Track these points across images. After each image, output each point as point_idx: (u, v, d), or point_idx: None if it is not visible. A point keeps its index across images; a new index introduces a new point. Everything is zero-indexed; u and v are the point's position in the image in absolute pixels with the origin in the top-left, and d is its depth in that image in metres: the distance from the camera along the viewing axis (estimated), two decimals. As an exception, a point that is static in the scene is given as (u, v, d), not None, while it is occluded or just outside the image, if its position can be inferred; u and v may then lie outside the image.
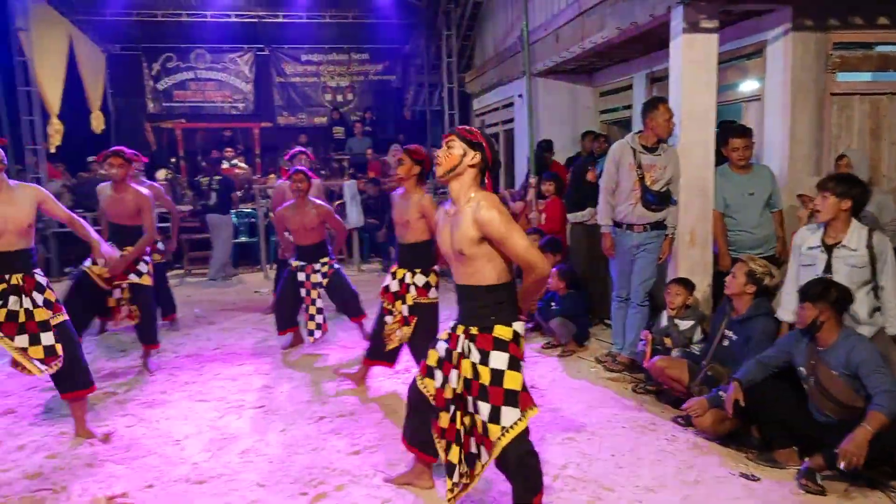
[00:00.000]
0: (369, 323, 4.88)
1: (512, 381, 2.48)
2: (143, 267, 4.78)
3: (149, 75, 12.93)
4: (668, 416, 3.85)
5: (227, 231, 8.67)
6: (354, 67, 13.77)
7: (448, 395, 2.66)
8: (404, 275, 4.08)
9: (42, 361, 3.57)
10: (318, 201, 5.23)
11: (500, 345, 2.49)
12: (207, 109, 13.21)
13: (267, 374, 4.81)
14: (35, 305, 3.58)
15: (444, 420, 2.68)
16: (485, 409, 2.49)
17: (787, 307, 3.63)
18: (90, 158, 10.04)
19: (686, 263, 4.62)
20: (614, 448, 3.46)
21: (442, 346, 2.74)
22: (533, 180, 6.54)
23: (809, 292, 3.15)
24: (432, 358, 2.79)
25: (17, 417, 4.00)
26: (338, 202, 8.98)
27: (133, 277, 4.71)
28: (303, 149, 6.56)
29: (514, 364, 2.50)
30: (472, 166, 2.52)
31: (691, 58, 4.51)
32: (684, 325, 4.21)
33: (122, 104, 12.55)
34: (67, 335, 3.69)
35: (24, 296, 3.54)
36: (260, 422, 3.92)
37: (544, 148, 7.17)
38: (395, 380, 4.56)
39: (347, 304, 5.29)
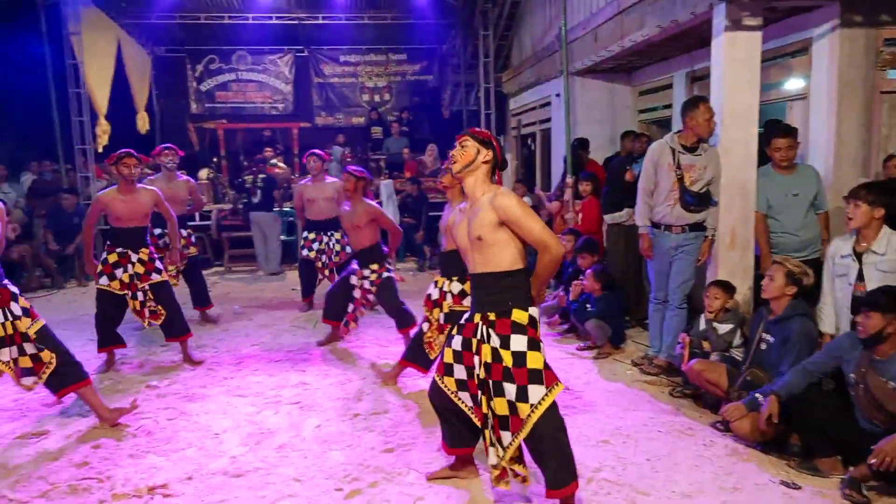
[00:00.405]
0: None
1: (534, 361, 2.61)
2: (159, 264, 4.95)
3: (192, 77, 13.23)
4: (707, 421, 3.79)
5: (278, 226, 8.98)
6: (392, 68, 13.85)
7: (476, 382, 2.75)
8: (444, 283, 4.11)
9: (31, 371, 3.59)
10: (369, 201, 5.16)
11: (518, 328, 2.63)
12: (248, 110, 13.45)
13: (303, 370, 4.88)
14: (15, 316, 3.57)
15: (484, 407, 2.74)
16: (511, 389, 2.59)
17: (828, 319, 3.57)
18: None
19: (726, 266, 4.52)
20: (650, 452, 3.41)
21: (457, 340, 2.82)
22: (570, 180, 6.49)
23: (879, 302, 3.01)
24: (448, 355, 2.86)
25: (65, 408, 4.14)
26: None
27: (155, 277, 4.86)
28: (316, 151, 6.65)
29: (534, 345, 2.63)
30: (485, 163, 2.72)
31: (733, 56, 4.42)
32: (723, 328, 4.13)
33: (167, 105, 12.87)
34: (49, 338, 3.68)
35: (3, 308, 3.52)
36: (296, 417, 3.98)
37: (580, 146, 7.10)
38: (431, 379, 4.58)
39: (393, 314, 5.17)
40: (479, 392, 2.73)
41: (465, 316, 2.84)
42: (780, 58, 5.29)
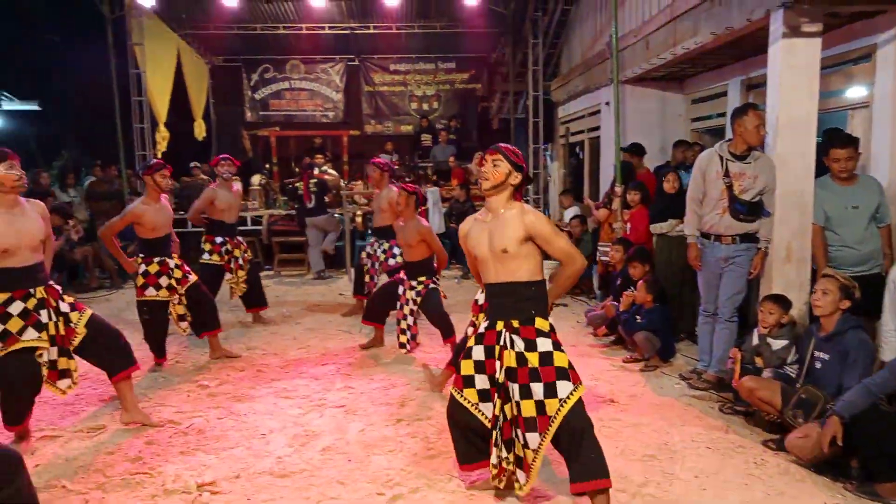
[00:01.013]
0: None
1: (560, 360, 2.72)
2: (187, 265, 5.16)
3: (247, 85, 13.62)
4: (758, 439, 3.67)
5: (335, 222, 9.23)
6: (441, 76, 13.97)
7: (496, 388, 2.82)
8: None
9: (67, 374, 3.64)
10: (423, 221, 5.22)
11: (542, 333, 2.75)
12: (299, 118, 13.76)
13: (348, 374, 4.95)
14: (64, 314, 3.64)
15: (497, 409, 2.82)
16: (538, 388, 2.67)
17: (891, 345, 3.41)
18: (192, 164, 10.69)
19: (781, 280, 4.38)
20: (698, 469, 3.33)
21: (478, 350, 2.87)
22: (618, 189, 6.41)
23: None
24: (467, 367, 2.90)
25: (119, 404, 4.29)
26: (421, 208, 9.11)
27: (190, 278, 5.05)
28: (375, 160, 6.77)
29: (559, 347, 2.77)
30: (512, 184, 2.82)
31: (791, 63, 4.29)
32: (777, 344, 3.99)
33: (223, 113, 13.28)
34: (99, 323, 3.78)
35: (50, 308, 3.56)
36: (340, 421, 4.03)
37: (635, 151, 6.98)
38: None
39: (437, 325, 5.19)
40: (497, 396, 2.80)
41: (484, 325, 2.90)
42: (841, 65, 5.10)
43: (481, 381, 2.86)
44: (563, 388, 2.67)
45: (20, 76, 12.21)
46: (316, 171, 10.10)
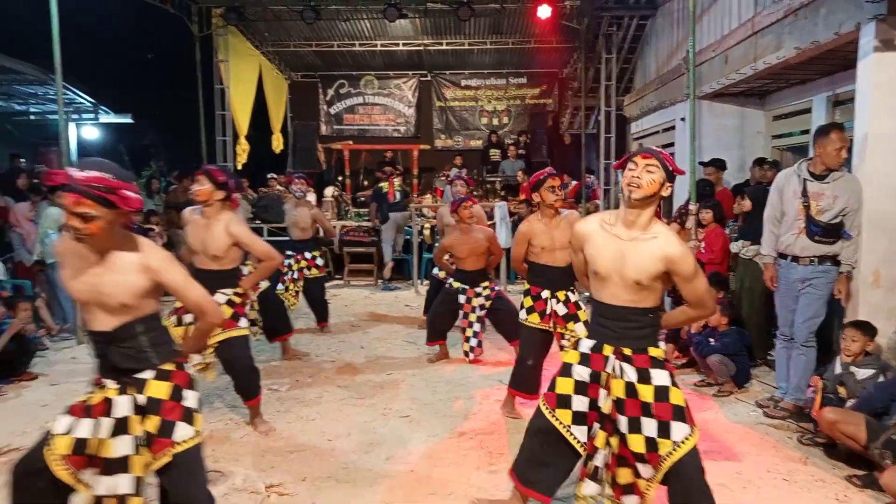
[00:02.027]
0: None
1: (677, 397, 2.49)
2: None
3: (323, 100, 14.08)
4: (841, 474, 3.47)
5: (408, 222, 9.54)
6: (511, 91, 14.02)
7: (597, 417, 2.59)
8: (566, 295, 4.11)
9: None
10: (485, 227, 5.34)
11: (657, 363, 2.53)
12: (372, 132, 14.09)
13: (413, 385, 4.99)
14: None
15: (600, 440, 2.57)
16: (650, 425, 2.45)
17: None
18: (269, 175, 11.12)
19: (867, 306, 4.15)
20: (772, 501, 3.18)
21: (581, 371, 2.61)
22: (693, 207, 6.23)
23: None
24: (565, 386, 2.63)
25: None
26: (489, 223, 9.15)
27: (262, 285, 5.17)
28: (460, 175, 6.89)
29: (674, 381, 2.53)
30: (663, 196, 2.49)
31: (881, 79, 4.09)
32: (862, 373, 3.77)
33: (299, 126, 13.75)
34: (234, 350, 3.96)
35: None
36: (404, 430, 4.08)
37: (719, 166, 6.75)
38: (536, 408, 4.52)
39: (508, 327, 5.21)
40: (598, 425, 2.57)
41: (589, 345, 2.63)
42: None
43: (579, 403, 2.59)
44: (679, 430, 2.43)
45: (117, 91, 13.05)
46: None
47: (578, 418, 2.60)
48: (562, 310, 4.10)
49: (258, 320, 5.26)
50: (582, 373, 2.61)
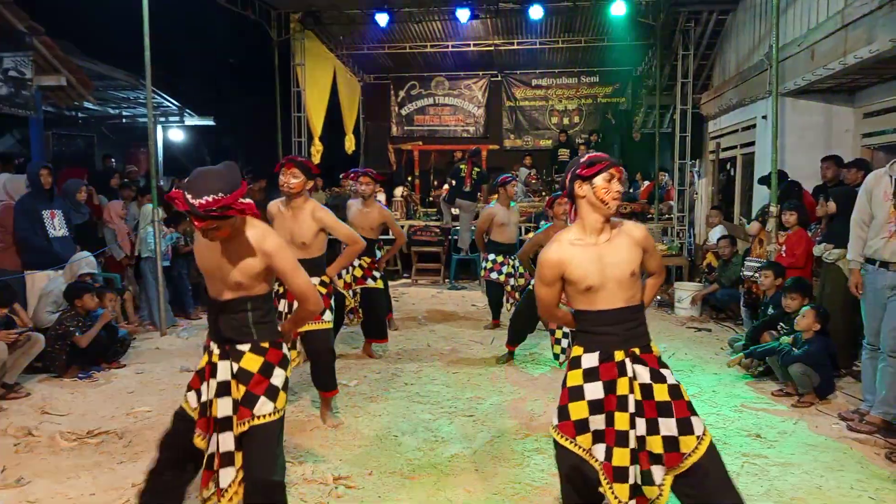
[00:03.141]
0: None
1: (685, 393, 2.50)
2: (376, 273, 5.48)
3: (395, 101, 14.28)
4: (933, 495, 3.24)
5: (474, 213, 9.51)
6: (583, 90, 13.80)
7: (623, 425, 2.40)
8: None
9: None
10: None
11: (662, 361, 2.53)
12: (441, 133, 14.19)
13: (478, 385, 5.00)
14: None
15: (621, 457, 2.38)
16: (670, 423, 2.41)
17: None
18: (341, 175, 11.38)
19: (968, 316, 3.85)
20: (856, 520, 3.01)
21: (593, 388, 2.45)
22: (774, 209, 5.97)
23: None
24: (579, 411, 2.46)
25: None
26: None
27: (370, 282, 5.41)
28: (516, 176, 6.91)
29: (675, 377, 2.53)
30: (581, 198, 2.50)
31: None
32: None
33: (371, 127, 13.99)
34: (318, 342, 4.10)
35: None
36: (469, 429, 4.09)
37: (838, 163, 6.30)
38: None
39: None
40: (630, 428, 2.39)
41: (594, 359, 2.48)
42: None
43: (596, 423, 2.45)
44: (698, 424, 2.43)
45: (201, 95, 13.68)
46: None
47: (597, 437, 2.46)
48: None
49: (357, 311, 5.46)
50: (594, 390, 2.46)
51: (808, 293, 5.08)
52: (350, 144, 12.55)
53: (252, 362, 2.49)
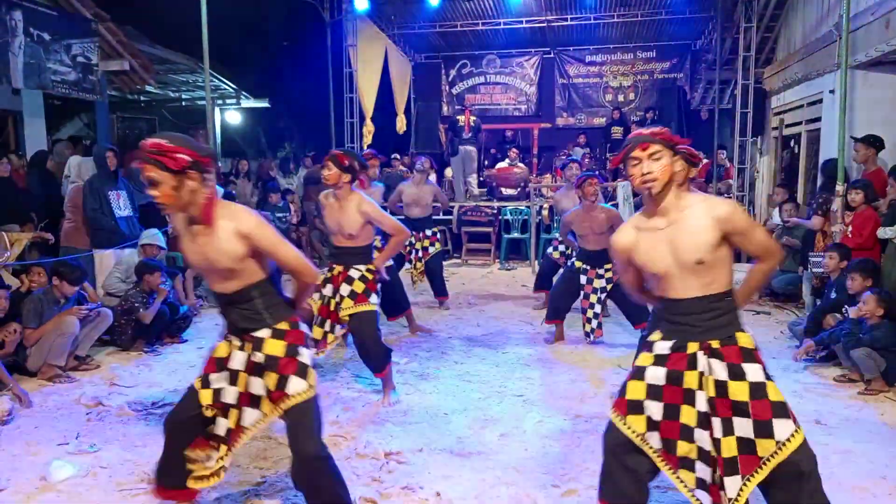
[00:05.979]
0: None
1: (775, 393, 2.28)
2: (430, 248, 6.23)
3: (446, 80, 14.21)
4: None
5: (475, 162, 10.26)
6: (639, 66, 13.42)
7: (689, 420, 2.31)
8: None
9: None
10: (608, 206, 5.28)
11: (748, 355, 2.31)
12: (493, 111, 14.05)
13: (528, 364, 5.00)
14: (342, 297, 4.11)
15: (683, 448, 2.32)
16: (746, 425, 2.23)
17: None
18: (392, 156, 11.44)
19: None
20: (924, 512, 2.89)
21: (656, 373, 2.36)
22: (840, 188, 5.70)
23: None
24: (636, 391, 2.38)
25: (321, 374, 4.75)
26: (611, 202, 8.89)
27: (431, 250, 6.21)
28: (576, 159, 6.85)
29: (768, 374, 2.31)
30: (678, 172, 2.32)
31: None
32: None
33: (422, 107, 14.00)
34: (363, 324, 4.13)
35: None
36: (519, 409, 4.10)
37: (870, 142, 6.10)
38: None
39: (631, 310, 5.11)
40: (696, 425, 2.30)
41: (668, 346, 2.37)
42: None
43: (650, 409, 2.35)
44: (782, 427, 2.22)
45: (256, 77, 13.92)
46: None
47: (651, 425, 2.36)
48: None
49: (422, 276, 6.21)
50: (656, 375, 2.36)
51: (872, 275, 4.84)
52: (401, 125, 12.58)
53: (276, 347, 2.52)
